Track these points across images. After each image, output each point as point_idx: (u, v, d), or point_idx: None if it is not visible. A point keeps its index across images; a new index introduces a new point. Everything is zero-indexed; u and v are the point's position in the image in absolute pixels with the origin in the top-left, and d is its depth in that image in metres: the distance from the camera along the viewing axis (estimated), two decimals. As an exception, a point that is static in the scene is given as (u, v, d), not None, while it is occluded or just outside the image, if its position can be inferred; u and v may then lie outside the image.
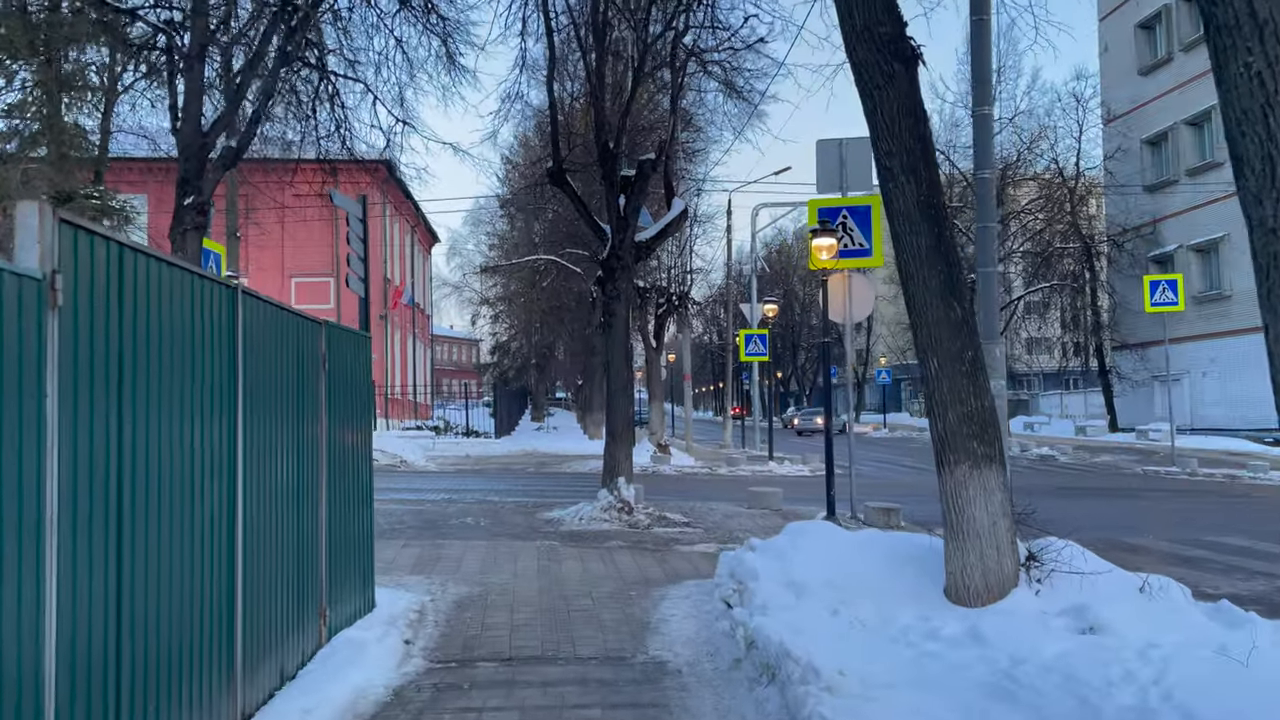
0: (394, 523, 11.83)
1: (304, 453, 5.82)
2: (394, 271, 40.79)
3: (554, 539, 10.92)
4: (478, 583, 8.51)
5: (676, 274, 29.09)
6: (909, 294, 6.94)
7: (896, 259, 7.03)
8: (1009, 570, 6.71)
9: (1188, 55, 37.48)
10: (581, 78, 13.42)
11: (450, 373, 76.94)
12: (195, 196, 11.86)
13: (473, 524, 11.86)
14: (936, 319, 6.79)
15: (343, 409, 6.72)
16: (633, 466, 12.80)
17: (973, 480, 6.71)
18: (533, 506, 13.97)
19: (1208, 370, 36.96)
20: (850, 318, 13.15)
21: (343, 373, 6.73)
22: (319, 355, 6.23)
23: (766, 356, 27.79)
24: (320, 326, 6.26)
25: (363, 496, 7.23)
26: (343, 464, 6.71)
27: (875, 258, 13.04)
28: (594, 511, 12.17)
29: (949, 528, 6.81)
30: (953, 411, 6.75)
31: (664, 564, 9.52)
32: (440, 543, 10.43)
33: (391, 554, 9.76)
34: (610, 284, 12.34)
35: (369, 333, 7.44)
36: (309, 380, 5.97)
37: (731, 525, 12.24)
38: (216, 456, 4.41)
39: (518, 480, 19.62)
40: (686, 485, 19.57)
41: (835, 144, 13.18)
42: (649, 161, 12.20)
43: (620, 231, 12.22)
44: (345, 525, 6.74)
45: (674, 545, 10.69)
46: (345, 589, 6.70)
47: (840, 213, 12.94)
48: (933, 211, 6.84)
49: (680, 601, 7.76)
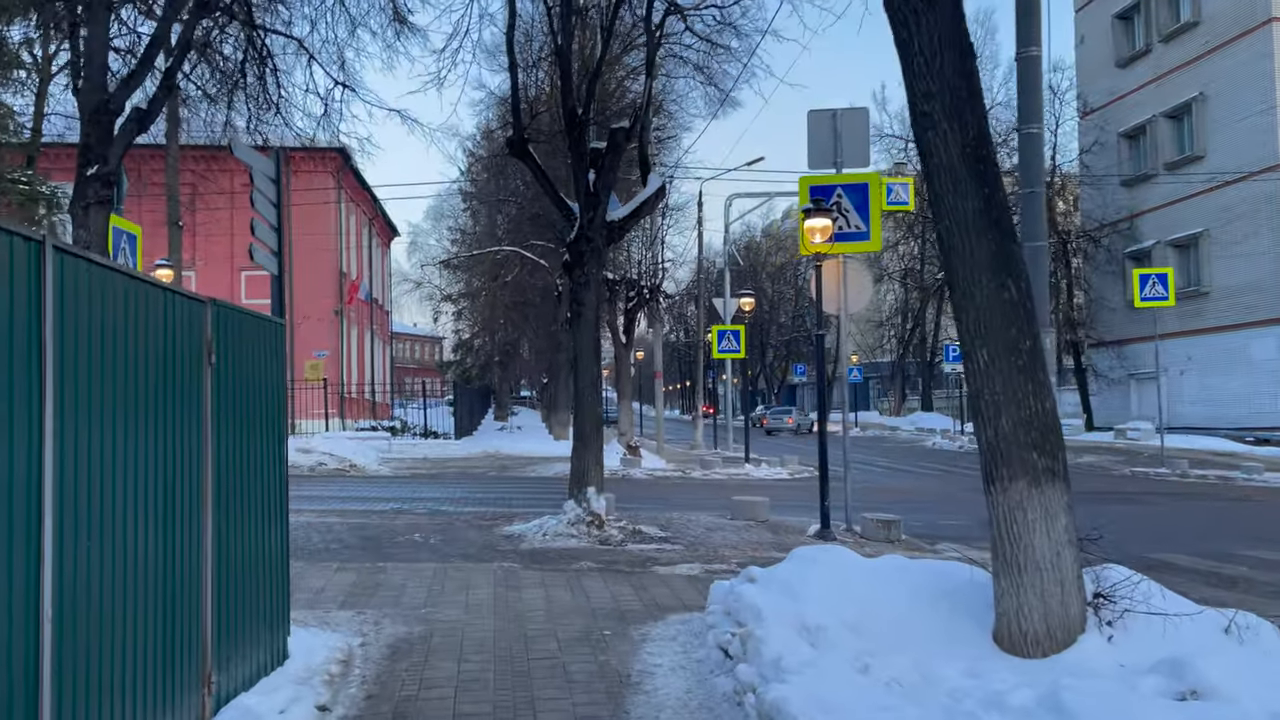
0: (330, 541, 10.34)
1: (174, 467, 4.38)
2: (350, 265, 39.06)
3: (514, 559, 9.50)
4: (421, 620, 7.08)
5: (647, 266, 27.70)
6: (951, 270, 5.62)
7: (937, 226, 5.71)
8: (1075, 612, 5.41)
9: (1167, 46, 36.72)
10: (545, 34, 12.00)
11: (412, 371, 75.04)
12: (100, 166, 10.31)
13: (422, 542, 10.40)
14: (987, 300, 5.47)
15: (241, 410, 5.28)
16: (604, 473, 11.41)
17: (1032, 501, 5.41)
18: (491, 519, 12.53)
19: (1185, 368, 36.18)
20: (845, 308, 11.84)
21: (241, 366, 5.29)
22: (202, 343, 4.78)
23: (741, 353, 26.45)
24: (204, 306, 4.82)
25: (272, 517, 5.79)
26: (241, 478, 5.27)
27: (873, 241, 11.74)
28: (559, 526, 10.76)
29: (1000, 559, 5.51)
30: (1007, 415, 5.44)
31: (642, 592, 8.14)
32: (381, 566, 8.98)
33: (321, 581, 8.30)
34: (578, 269, 10.93)
35: (283, 319, 5.98)
36: (184, 374, 4.53)
37: (715, 541, 10.88)
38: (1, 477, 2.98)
39: (476, 486, 18.15)
40: (660, 491, 18.20)
41: (829, 115, 11.88)
42: (622, 130, 10.80)
43: (589, 210, 10.81)
44: (245, 556, 5.30)
45: (652, 566, 9.32)
46: (245, 639, 5.26)
47: (835, 191, 11.64)
48: (981, 166, 5.53)
49: (665, 646, 6.39)
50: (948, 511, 15.41)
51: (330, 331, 35.44)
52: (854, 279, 11.91)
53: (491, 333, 41.38)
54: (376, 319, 44.97)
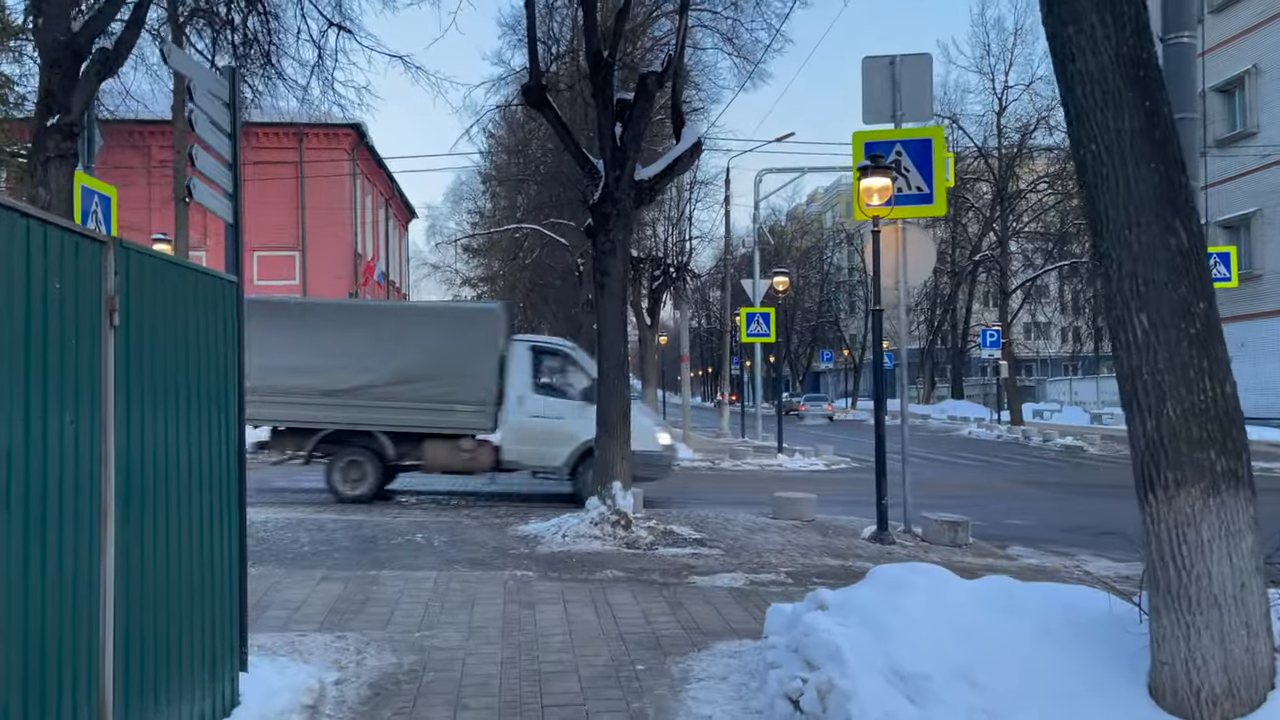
0: (320, 542, 9.11)
1: (42, 463, 3.12)
2: (366, 246, 37.92)
3: (528, 566, 8.23)
4: (414, 647, 5.82)
5: (674, 243, 26.32)
6: (1097, 210, 4.27)
7: (1077, 154, 4.35)
8: (1264, 663, 4.08)
9: (1218, 17, 34.92)
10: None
11: (431, 356, 74.06)
12: (62, 115, 9.10)
13: (424, 543, 9.15)
14: (1148, 249, 4.13)
15: (168, 388, 4.03)
16: (631, 466, 10.12)
17: (1207, 515, 4.07)
18: (504, 515, 11.28)
19: (1236, 355, 34.24)
20: (905, 280, 10.48)
21: (167, 331, 4.03)
22: (100, 298, 3.52)
23: (772, 336, 25.09)
24: (103, 248, 3.55)
25: (218, 524, 4.54)
26: (167, 476, 4.02)
27: (937, 205, 10.37)
28: (581, 526, 9.49)
29: (1162, 589, 4.17)
30: (1173, 401, 4.10)
31: (679, 609, 6.85)
32: (374, 575, 7.73)
33: (302, 593, 7.06)
34: (603, 234, 9.61)
35: (236, 277, 4.72)
36: (69, 339, 3.27)
37: (758, 544, 9.58)
38: None
39: (491, 478, 16.89)
40: (689, 484, 16.88)
41: (886, 62, 10.49)
42: (653, 75, 9.46)
43: (616, 167, 9.49)
44: (173, 578, 4.06)
45: (688, 576, 8.03)
46: (171, 689, 4.01)
47: (894, 148, 10.27)
48: (1141, 72, 4.18)
49: (714, 690, 5.10)
50: (1006, 508, 14.05)
51: (344, 314, 34.34)
52: (914, 247, 10.53)
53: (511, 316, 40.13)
54: (393, 302, 43.83)
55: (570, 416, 12.39)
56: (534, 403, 12.47)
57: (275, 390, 11.90)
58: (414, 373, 11.95)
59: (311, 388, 11.91)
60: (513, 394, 12.44)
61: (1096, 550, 10.21)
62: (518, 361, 12.57)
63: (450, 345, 12.25)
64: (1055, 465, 22.32)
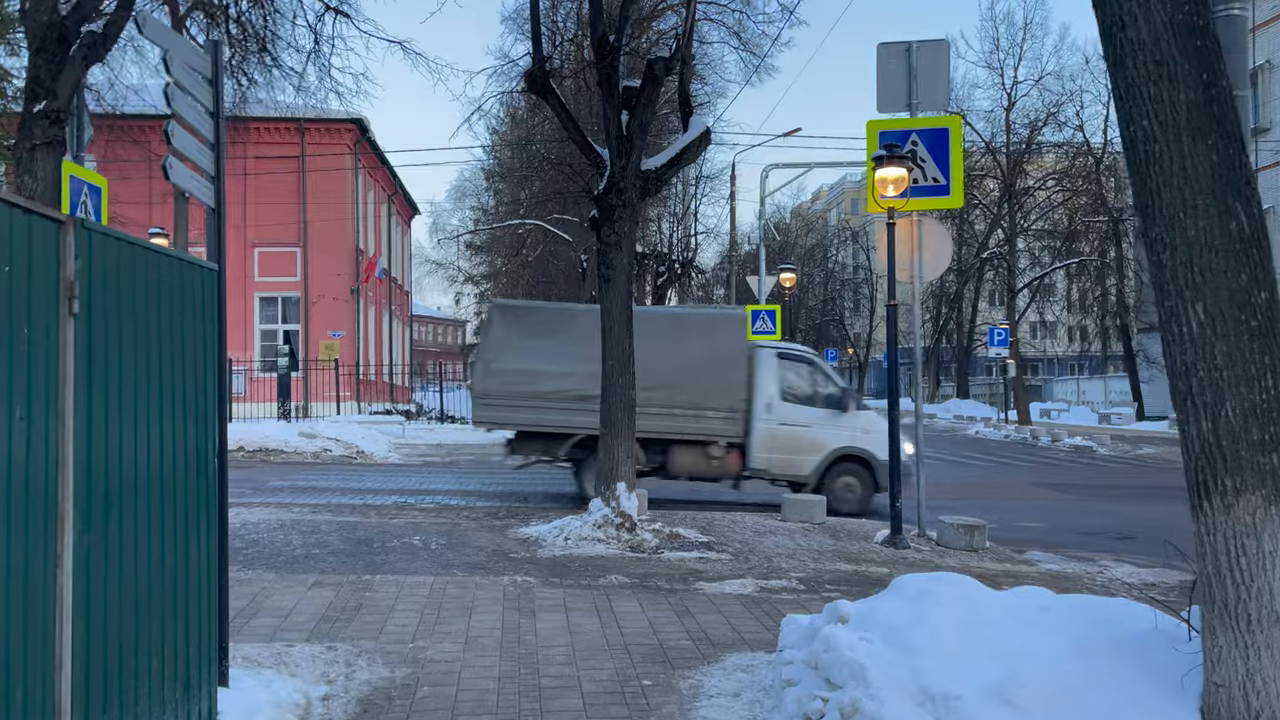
0: (313, 545, 8.78)
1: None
2: (368, 243, 37.57)
3: (529, 571, 7.90)
4: (407, 659, 5.50)
5: (679, 239, 25.95)
6: (1148, 191, 3.94)
7: (1126, 132, 4.01)
8: (1330, 686, 3.75)
9: None
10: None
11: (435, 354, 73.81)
12: (48, 101, 8.78)
13: (421, 546, 8.81)
14: (1205, 233, 3.80)
15: (136, 382, 3.70)
16: (635, 466, 9.77)
17: (1269, 525, 3.75)
18: (505, 516, 10.94)
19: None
20: (920, 274, 10.13)
21: (136, 320, 3.70)
22: (58, 283, 3.20)
23: (778, 335, 24.70)
24: (61, 229, 3.23)
25: (194, 529, 4.22)
26: (135, 477, 3.70)
27: (954, 197, 10.02)
28: (584, 528, 9.15)
29: (1218, 605, 3.84)
30: (1233, 400, 3.77)
31: (687, 618, 6.52)
32: (368, 580, 7.40)
33: (291, 600, 6.73)
34: (608, 225, 9.27)
35: (216, 265, 4.40)
36: (6, 324, 2.94)
37: (767, 547, 9.24)
38: None
39: (492, 476, 16.56)
40: (694, 484, 16.55)
41: (902, 49, 10.15)
42: (661, 61, 9.11)
43: (622, 156, 9.14)
44: (141, 587, 3.74)
45: (695, 582, 7.70)
46: (139, 706, 3.69)
47: (909, 137, 9.93)
48: (1198, 41, 3.85)
49: (727, 708, 4.76)
50: (1019, 509, 13.71)
51: (346, 311, 33.96)
52: (930, 240, 10.19)
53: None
54: (396, 299, 43.50)
55: (818, 424, 12.33)
56: (782, 410, 12.36)
57: (524, 394, 11.91)
58: (665, 378, 11.87)
59: (562, 392, 11.77)
60: (760, 400, 12.31)
61: (1118, 555, 9.87)
62: (764, 367, 12.46)
63: (700, 350, 12.16)
64: (1066, 466, 21.95)
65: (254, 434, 19.64)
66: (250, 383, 30.25)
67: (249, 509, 10.90)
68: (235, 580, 7.24)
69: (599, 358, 9.96)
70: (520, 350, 11.97)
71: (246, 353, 31.38)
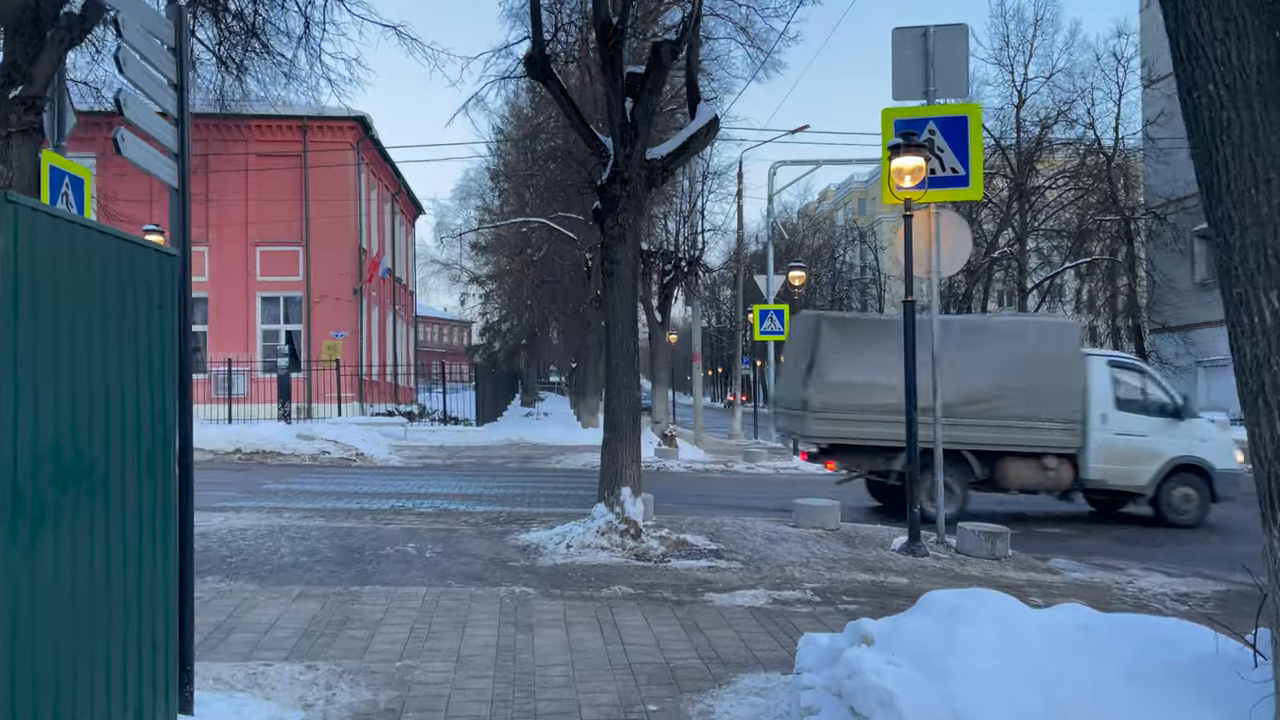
0: (301, 553, 8.36)
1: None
2: (372, 243, 37.18)
3: (528, 581, 7.47)
4: (394, 680, 5.07)
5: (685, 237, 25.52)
6: (1214, 165, 3.51)
7: (1188, 100, 3.57)
8: None
9: None
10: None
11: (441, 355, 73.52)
12: (24, 86, 8.39)
13: (415, 554, 8.39)
14: (1279, 213, 3.37)
15: (77, 375, 3.30)
16: (641, 471, 9.35)
17: (1359, 540, 3.31)
18: (506, 521, 10.52)
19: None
20: (938, 270, 9.69)
21: (79, 307, 3.30)
22: (-26, 263, 2.79)
23: (785, 334, 24.27)
24: (-21, 200, 2.82)
25: (148, 537, 3.81)
26: (78, 479, 3.29)
27: (973, 188, 9.59)
28: (587, 535, 8.72)
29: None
30: (1313, 399, 3.34)
31: (695, 634, 6.09)
32: (357, 591, 6.98)
33: (273, 613, 6.31)
34: (611, 217, 8.84)
35: (176, 251, 3.99)
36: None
37: (779, 556, 8.81)
38: None
39: (493, 479, 16.17)
40: (701, 487, 16.15)
41: (918, 33, 9.72)
42: (667, 45, 8.68)
43: (626, 144, 8.72)
44: (85, 604, 3.33)
45: (704, 593, 7.26)
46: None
47: (926, 125, 9.50)
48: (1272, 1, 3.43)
49: (741, 738, 4.33)
50: (1037, 514, 13.26)
51: (349, 311, 33.57)
52: (949, 234, 9.74)
53: (519, 314, 39.51)
54: (400, 299, 43.12)
55: (1154, 434, 12.19)
56: (1118, 419, 12.19)
57: (853, 408, 11.83)
58: (996, 389, 11.71)
59: (895, 406, 11.40)
60: (1095, 411, 12.10)
61: (1146, 563, 9.42)
62: (1097, 377, 12.26)
63: (1034, 360, 11.91)
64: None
65: (251, 435, 19.27)
66: (252, 383, 29.92)
67: (239, 514, 10.50)
68: (215, 592, 6.84)
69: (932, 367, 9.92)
70: (854, 363, 11.91)
71: (249, 353, 31.05)
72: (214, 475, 15.57)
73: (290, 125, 32.25)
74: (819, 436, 12.18)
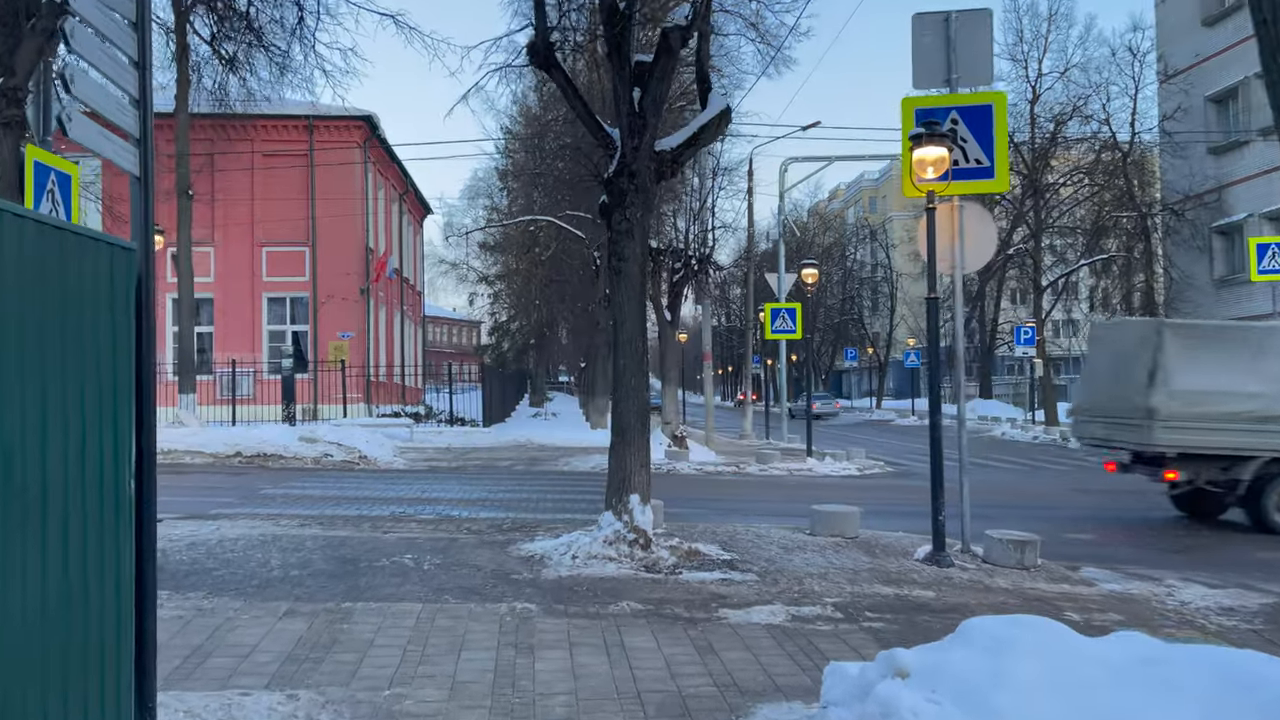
0: (293, 565, 7.95)
1: None
2: (379, 242, 36.83)
3: (531, 597, 7.05)
4: (380, 711, 4.66)
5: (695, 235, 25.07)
6: None
7: (1272, 64, 3.14)
8: None
9: (1212, 30, 33.54)
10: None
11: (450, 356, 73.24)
12: (6, 79, 8.02)
13: (412, 566, 7.98)
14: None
15: (7, 376, 2.88)
16: (651, 476, 8.92)
17: None
18: (509, 529, 10.10)
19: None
20: (961, 264, 9.24)
21: (11, 303, 2.88)
22: None
23: (798, 333, 23.89)
24: None
25: (96, 556, 3.40)
26: (6, 494, 2.88)
27: (999, 180, 9.14)
28: (594, 545, 8.30)
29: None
30: None
31: (710, 657, 5.66)
32: (348, 608, 6.57)
33: (256, 634, 5.90)
34: (618, 212, 8.42)
35: (132, 244, 3.58)
36: None
37: (796, 567, 8.37)
38: None
39: (499, 483, 15.76)
40: (713, 490, 15.71)
41: (940, 19, 9.28)
42: (677, 30, 8.25)
43: (634, 136, 8.30)
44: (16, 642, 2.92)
45: (718, 609, 6.83)
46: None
47: (949, 114, 9.05)
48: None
49: (762, 784, 3.90)
50: (1063, 519, 12.79)
51: (356, 312, 33.22)
52: (973, 228, 9.29)
53: (528, 313, 39.15)
54: (408, 299, 42.78)
55: None
56: None
57: (1205, 416, 11.59)
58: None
59: (1250, 413, 11.47)
60: None
61: (1183, 573, 8.95)
62: None
63: None
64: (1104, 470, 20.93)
65: (252, 438, 18.90)
66: (258, 384, 29.59)
67: (232, 522, 10.11)
68: (197, 610, 6.43)
69: None
70: (1205, 370, 11.59)
71: (254, 354, 30.73)
72: (212, 480, 15.21)
73: (296, 125, 31.93)
74: (1167, 445, 11.88)
